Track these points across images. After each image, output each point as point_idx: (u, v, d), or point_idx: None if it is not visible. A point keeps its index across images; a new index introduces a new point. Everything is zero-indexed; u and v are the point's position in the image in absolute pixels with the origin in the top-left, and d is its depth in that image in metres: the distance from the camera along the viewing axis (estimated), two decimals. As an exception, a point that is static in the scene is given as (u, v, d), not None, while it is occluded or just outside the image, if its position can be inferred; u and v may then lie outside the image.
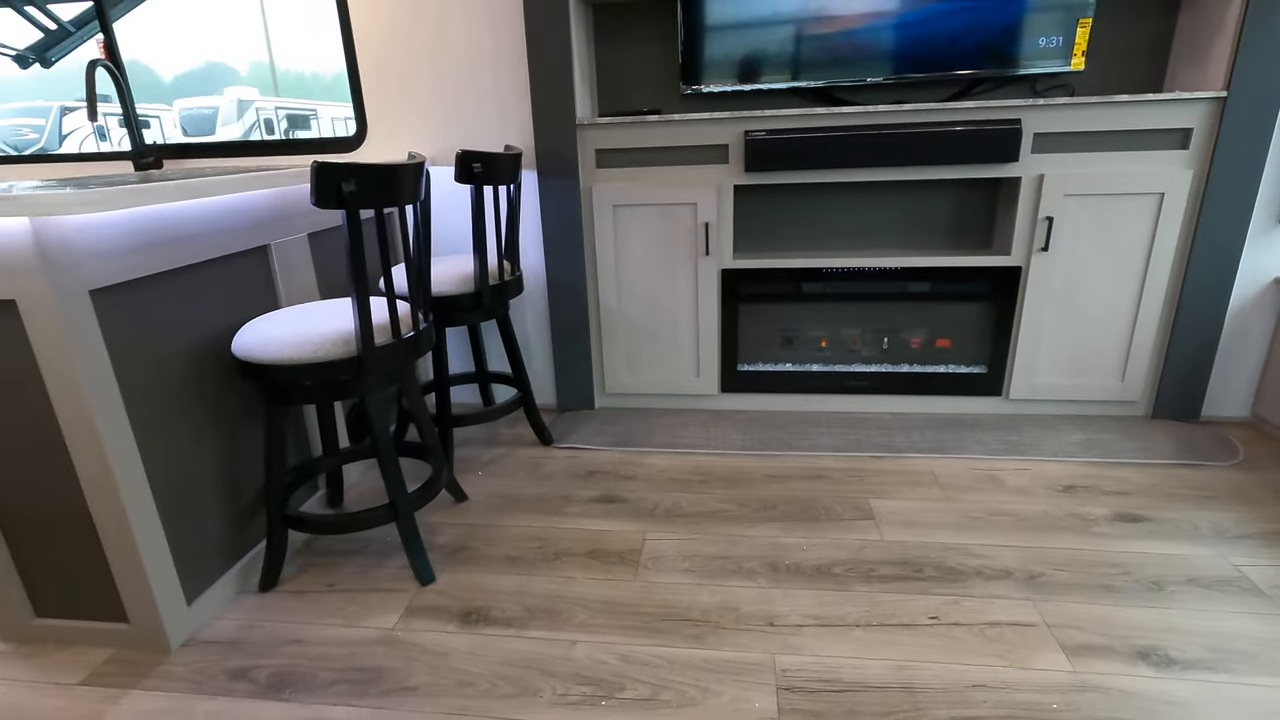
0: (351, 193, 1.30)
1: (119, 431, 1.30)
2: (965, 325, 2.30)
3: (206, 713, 1.28)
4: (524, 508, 1.93)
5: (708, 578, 1.60)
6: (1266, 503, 1.80)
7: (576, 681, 1.31)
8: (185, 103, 12.28)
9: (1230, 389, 2.22)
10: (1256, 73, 1.87)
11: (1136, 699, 1.22)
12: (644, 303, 2.35)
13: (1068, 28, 2.00)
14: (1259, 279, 2.11)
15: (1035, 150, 2.04)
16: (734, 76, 2.18)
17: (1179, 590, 1.49)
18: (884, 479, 1.99)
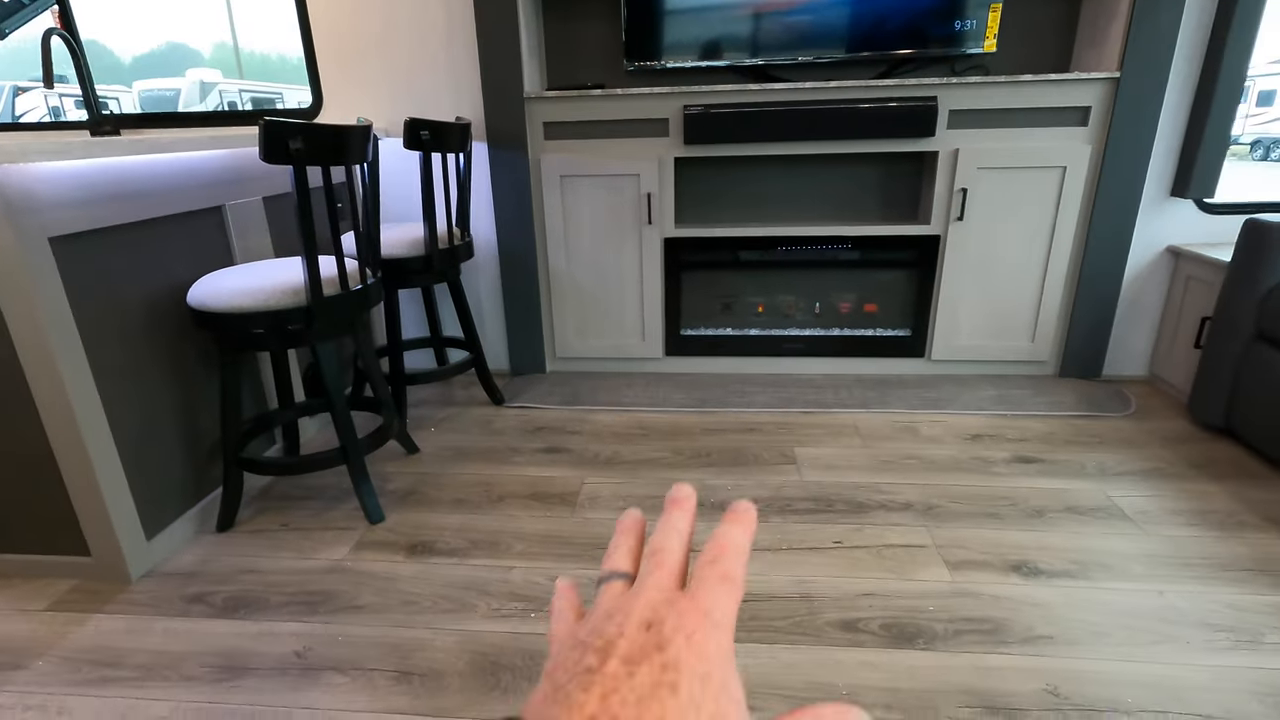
0: (298, 149, 1.40)
1: (79, 374, 1.39)
2: (891, 291, 2.47)
3: (164, 630, 1.38)
4: (473, 458, 2.05)
5: (639, 514, 1.73)
6: (1147, 446, 1.99)
7: (510, 599, 1.44)
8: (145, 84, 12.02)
9: (1130, 349, 2.42)
10: (1145, 55, 2.04)
11: (1004, 601, 1.38)
12: (592, 270, 2.47)
13: (980, 11, 2.16)
14: (1153, 247, 2.30)
15: (951, 126, 2.19)
16: (674, 53, 2.30)
17: (1057, 517, 1.66)
18: (810, 431, 2.15)
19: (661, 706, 0.21)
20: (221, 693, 1.23)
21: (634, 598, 0.26)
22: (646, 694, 0.22)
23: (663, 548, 0.28)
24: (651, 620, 0.24)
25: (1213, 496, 1.73)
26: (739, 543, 0.27)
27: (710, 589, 0.25)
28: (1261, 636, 1.28)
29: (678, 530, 0.29)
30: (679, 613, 0.25)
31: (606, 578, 0.29)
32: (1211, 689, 1.17)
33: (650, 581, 0.27)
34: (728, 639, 0.24)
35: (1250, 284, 1.86)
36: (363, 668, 1.27)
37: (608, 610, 0.26)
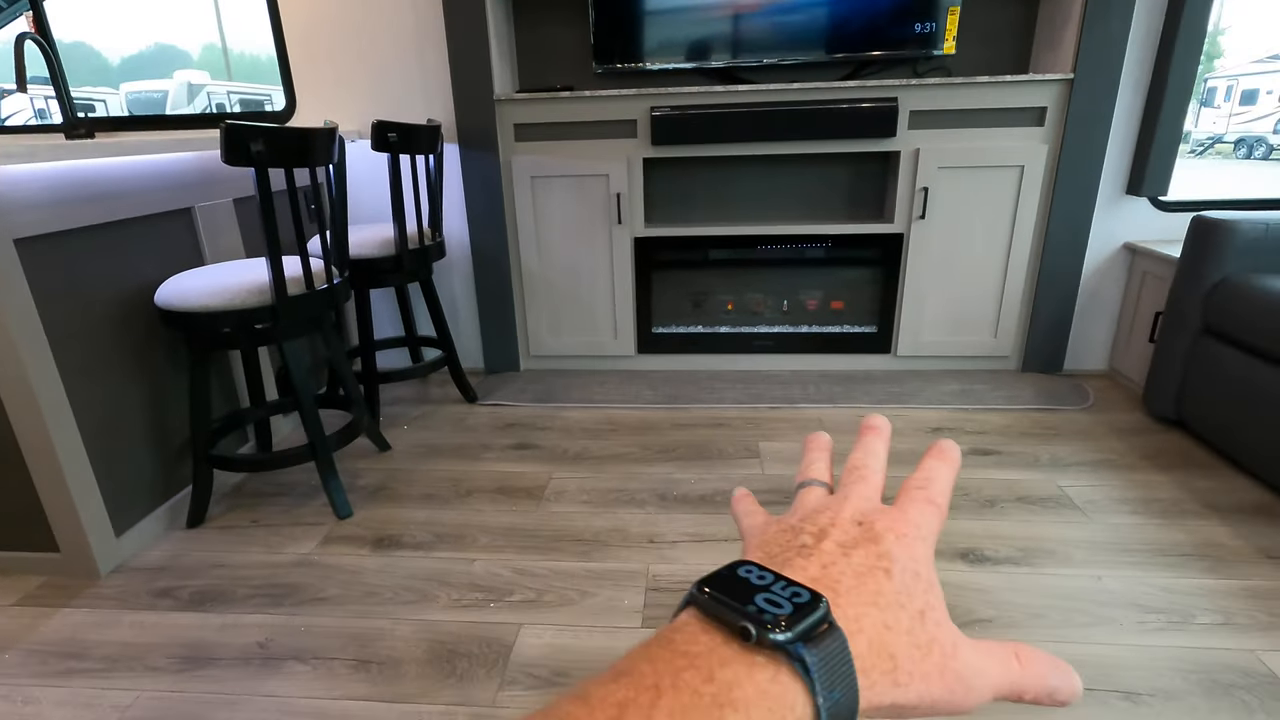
0: (260, 152, 1.43)
1: (45, 373, 1.42)
2: (858, 288, 2.51)
3: (132, 623, 1.41)
4: (443, 455, 2.08)
5: (603, 507, 1.78)
6: (1101, 438, 2.04)
7: (471, 589, 1.48)
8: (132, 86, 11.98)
9: (1090, 344, 2.48)
10: (1097, 57, 2.09)
11: (949, 587, 1.43)
12: (564, 269, 2.51)
13: (940, 14, 2.21)
14: (1110, 244, 2.35)
15: (912, 126, 2.24)
16: (642, 56, 2.34)
17: (1008, 507, 1.71)
18: (776, 426, 2.19)
19: (877, 584, 0.23)
20: (184, 682, 1.26)
21: (841, 500, 0.28)
22: (863, 571, 0.24)
23: (864, 464, 0.31)
24: (862, 519, 0.26)
25: (1159, 486, 1.78)
26: (944, 474, 0.30)
27: (918, 506, 0.28)
28: (1192, 618, 1.33)
29: (875, 453, 0.32)
30: (889, 518, 0.26)
31: (807, 483, 0.31)
32: (1140, 667, 1.22)
33: (855, 490, 0.29)
34: (931, 551, 0.26)
35: (1197, 279, 1.91)
36: (323, 657, 1.31)
37: (815, 506, 0.28)
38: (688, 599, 0.23)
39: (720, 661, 0.20)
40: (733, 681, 0.20)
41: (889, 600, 0.23)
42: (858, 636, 0.22)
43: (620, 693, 0.19)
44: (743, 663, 0.20)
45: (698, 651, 0.21)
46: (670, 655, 0.21)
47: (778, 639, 0.20)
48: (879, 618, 0.23)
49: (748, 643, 0.21)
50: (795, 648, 0.20)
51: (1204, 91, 16.98)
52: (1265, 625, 1.31)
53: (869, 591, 0.23)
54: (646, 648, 0.21)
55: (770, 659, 0.20)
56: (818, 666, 0.20)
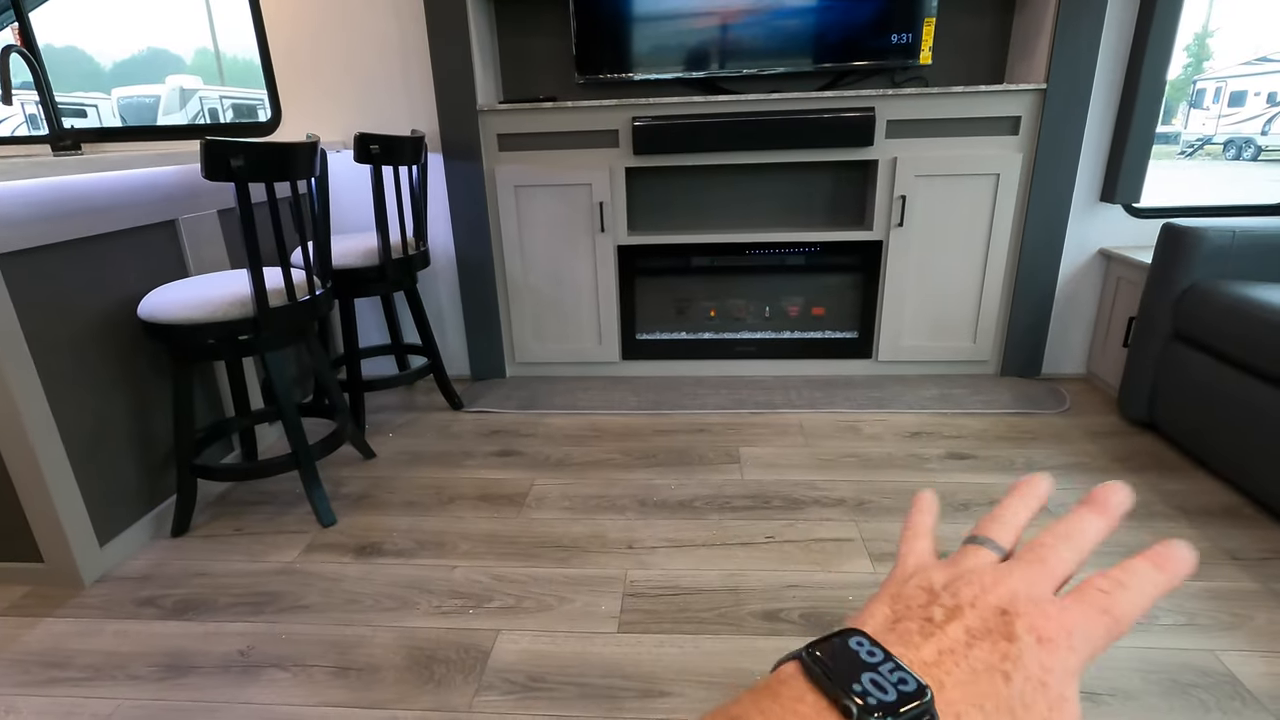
0: (240, 167, 1.45)
1: (28, 385, 1.44)
2: (838, 295, 2.55)
3: (114, 632, 1.43)
4: (427, 462, 2.10)
5: (583, 513, 1.80)
6: (1076, 441, 2.08)
7: (451, 596, 1.50)
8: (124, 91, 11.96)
9: (1068, 348, 2.51)
10: (1069, 67, 2.13)
11: (918, 590, 1.46)
12: (548, 277, 2.54)
13: (916, 26, 2.25)
14: (1086, 250, 2.39)
15: (889, 135, 2.28)
16: (624, 67, 2.37)
17: (981, 510, 1.74)
18: (757, 431, 2.22)
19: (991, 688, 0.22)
20: (165, 690, 1.28)
21: (1001, 576, 0.25)
22: (980, 670, 0.22)
23: (1053, 545, 0.27)
24: (1008, 609, 0.24)
25: (1130, 488, 1.81)
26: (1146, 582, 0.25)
27: (1087, 613, 0.24)
28: (1155, 619, 1.36)
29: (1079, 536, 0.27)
30: (1042, 616, 0.24)
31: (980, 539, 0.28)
32: (1100, 668, 1.25)
33: (1023, 572, 0.25)
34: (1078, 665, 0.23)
35: (1166, 286, 1.95)
36: (303, 664, 1.33)
37: (969, 572, 0.26)
38: (794, 655, 0.23)
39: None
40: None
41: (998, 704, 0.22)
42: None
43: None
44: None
45: (805, 713, 0.21)
46: (779, 710, 0.21)
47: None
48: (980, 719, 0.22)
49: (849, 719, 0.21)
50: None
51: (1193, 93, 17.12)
52: (1227, 625, 1.34)
53: (978, 692, 0.22)
54: (756, 696, 0.22)
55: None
56: None
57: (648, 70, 2.37)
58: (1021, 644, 0.23)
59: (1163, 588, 0.25)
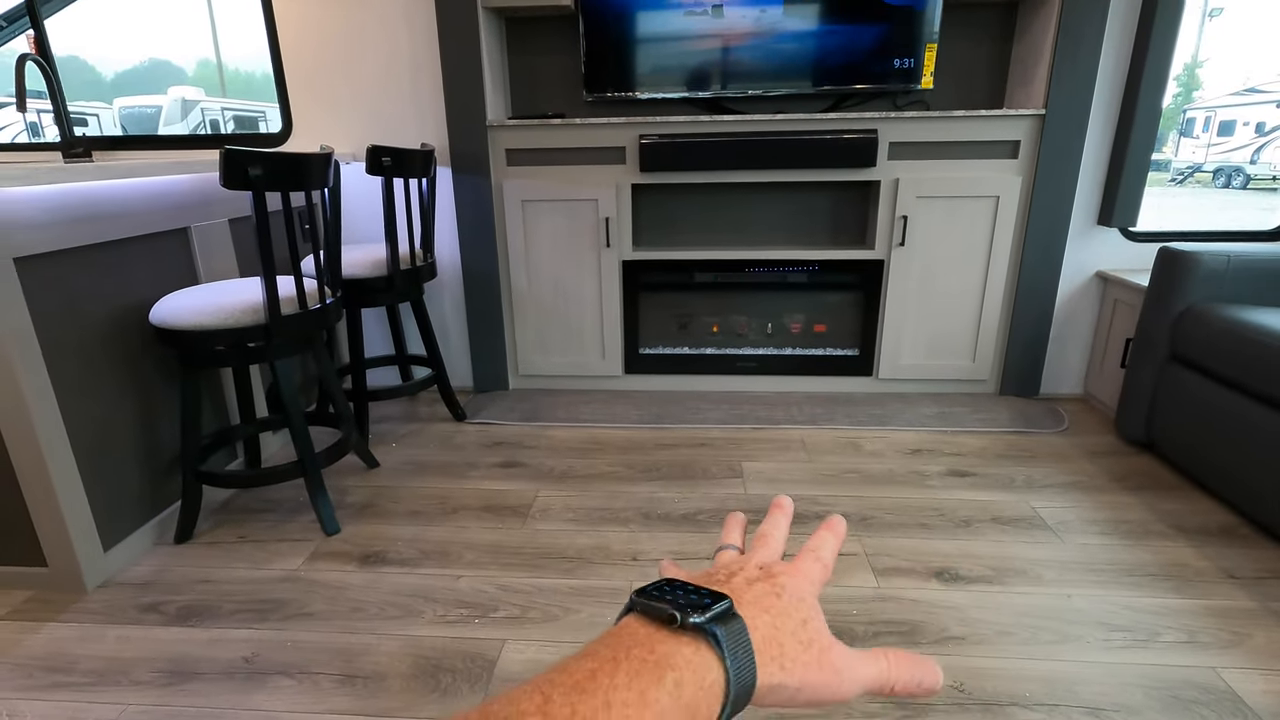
0: (257, 176, 1.48)
1: (40, 388, 1.44)
2: (840, 312, 2.58)
3: (117, 638, 1.43)
4: (431, 472, 2.11)
5: (587, 525, 1.81)
6: (1075, 460, 2.10)
7: (456, 605, 1.51)
8: (126, 101, 12.01)
9: (1065, 369, 2.55)
10: (1067, 93, 2.18)
11: (921, 605, 1.47)
12: (553, 291, 2.56)
13: (918, 51, 2.30)
14: (1083, 272, 2.43)
15: (891, 157, 2.32)
16: (631, 86, 2.42)
17: (982, 527, 1.76)
18: (759, 446, 2.23)
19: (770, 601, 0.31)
20: (169, 696, 1.28)
21: (748, 557, 0.37)
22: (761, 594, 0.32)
23: (768, 534, 0.40)
24: (763, 566, 0.35)
25: (1128, 507, 1.84)
26: (831, 542, 0.39)
27: (808, 562, 0.36)
28: (1156, 636, 1.37)
29: (779, 525, 0.41)
30: (784, 567, 0.35)
31: (724, 547, 0.41)
32: (1104, 683, 1.26)
33: (760, 552, 0.38)
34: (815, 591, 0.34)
35: (1163, 308, 1.98)
36: (309, 671, 1.33)
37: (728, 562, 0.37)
38: (628, 606, 0.30)
39: (658, 640, 0.28)
40: (669, 652, 0.27)
41: (778, 611, 0.31)
42: (753, 631, 0.29)
43: (589, 664, 0.26)
44: (674, 640, 0.28)
45: (640, 636, 0.28)
46: (620, 639, 0.28)
47: (697, 620, 0.28)
48: (770, 620, 0.30)
49: (674, 626, 0.28)
50: (710, 626, 0.28)
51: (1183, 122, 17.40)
52: (1227, 643, 1.36)
53: (762, 605, 0.31)
54: (600, 638, 0.28)
55: (693, 638, 0.28)
56: (726, 640, 0.28)
57: (654, 89, 2.42)
58: (779, 580, 0.33)
59: (839, 543, 0.40)
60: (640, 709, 0.24)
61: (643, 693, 0.25)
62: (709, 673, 0.27)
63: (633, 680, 0.25)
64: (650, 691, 0.25)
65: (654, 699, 0.25)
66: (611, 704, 0.24)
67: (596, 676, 0.25)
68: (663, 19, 2.33)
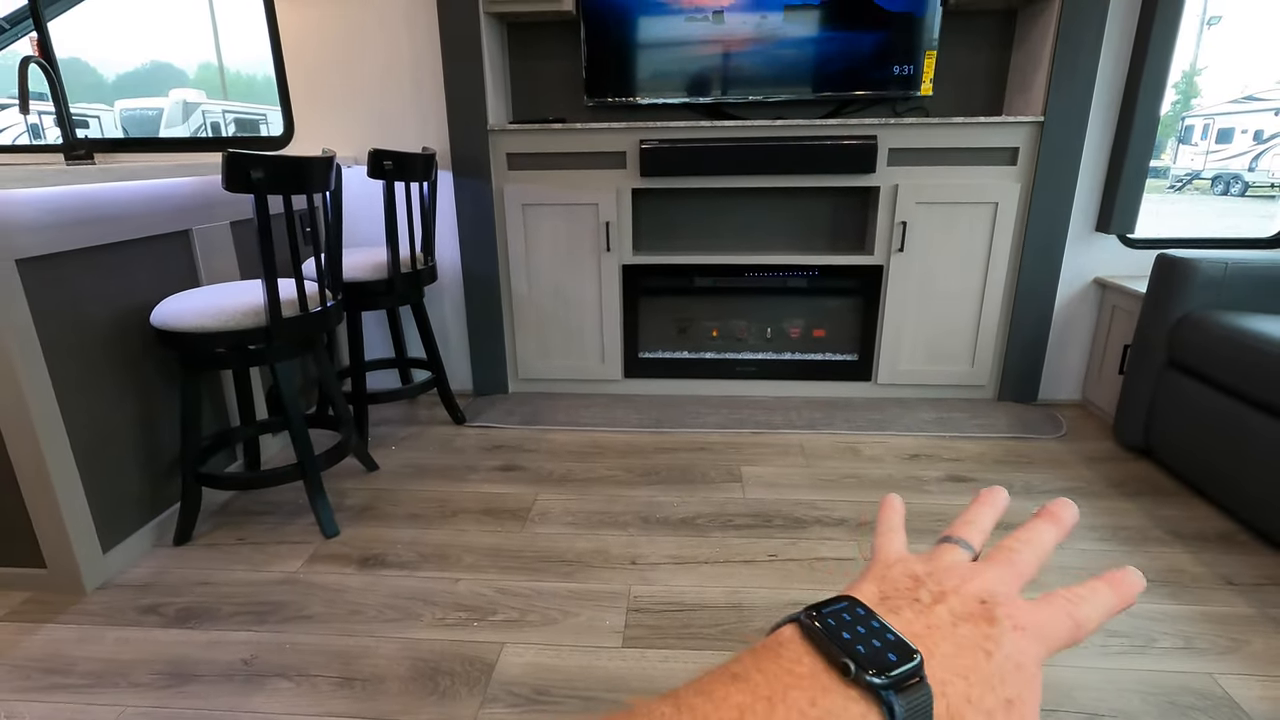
0: (259, 179, 1.48)
1: (41, 389, 1.45)
2: (839, 317, 2.58)
3: (116, 639, 1.43)
4: (430, 475, 2.11)
5: (586, 529, 1.81)
6: (1073, 466, 2.10)
7: (455, 608, 1.51)
8: (127, 103, 12.03)
9: (1064, 375, 2.55)
10: (1065, 101, 2.20)
11: (920, 610, 1.47)
12: (553, 295, 2.57)
13: (917, 58, 2.31)
14: (1082, 278, 2.44)
15: (891, 163, 2.33)
16: (632, 91, 2.43)
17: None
18: (758, 450, 2.24)
19: (974, 660, 0.24)
20: (168, 698, 1.28)
21: (979, 571, 0.28)
22: (965, 646, 0.24)
23: (1019, 550, 0.30)
24: (987, 600, 0.26)
25: (1127, 513, 1.84)
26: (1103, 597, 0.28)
27: (1055, 614, 0.27)
28: (1153, 642, 1.38)
29: (1038, 542, 0.30)
30: (1017, 608, 0.26)
31: (953, 539, 0.31)
32: (1101, 689, 1.26)
33: (996, 572, 0.28)
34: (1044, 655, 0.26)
35: (1161, 315, 1.99)
36: (307, 674, 1.33)
37: (949, 565, 0.28)
38: (793, 618, 0.25)
39: (822, 689, 0.22)
40: (832, 710, 0.22)
41: (980, 678, 0.24)
42: (939, 700, 0.23)
43: (738, 696, 0.22)
44: (841, 695, 0.22)
45: (803, 673, 0.23)
46: (779, 670, 0.23)
47: (874, 681, 0.22)
48: (964, 690, 0.23)
49: (846, 677, 0.23)
50: (887, 694, 0.22)
51: (1182, 129, 17.46)
52: (1224, 649, 1.36)
53: (963, 665, 0.24)
54: (756, 656, 0.24)
55: (863, 697, 0.22)
56: (902, 714, 0.22)
57: (655, 94, 2.43)
58: (1000, 628, 0.25)
59: (1117, 607, 0.28)
60: None
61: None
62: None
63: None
64: None
65: None
66: None
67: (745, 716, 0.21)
68: (664, 24, 2.35)
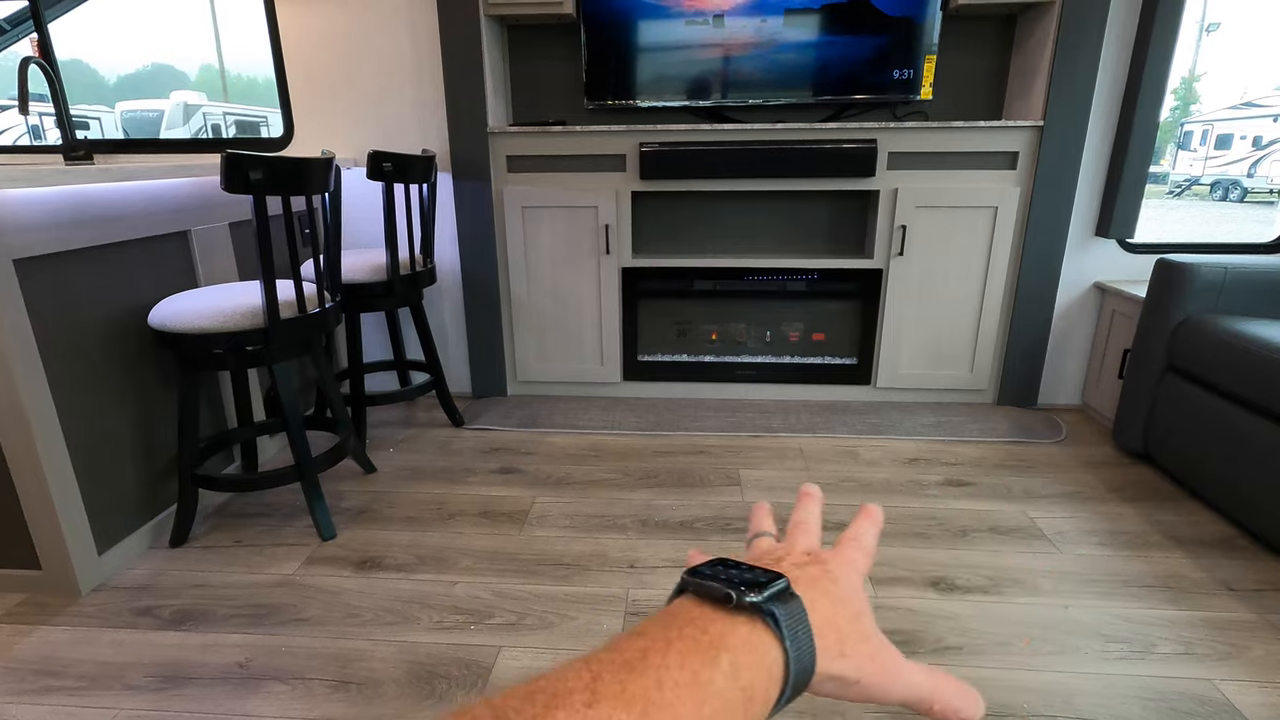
0: (258, 180, 1.48)
1: (37, 389, 1.44)
2: (838, 321, 2.58)
3: (111, 642, 1.42)
4: (428, 478, 2.10)
5: (584, 532, 1.80)
6: (1073, 471, 2.10)
7: (452, 611, 1.50)
8: (128, 105, 12.04)
9: (1063, 379, 2.55)
10: (1065, 106, 2.20)
11: (918, 615, 1.47)
12: (552, 297, 2.56)
13: (917, 62, 2.31)
14: (1081, 283, 2.44)
15: (891, 167, 2.33)
16: (632, 94, 2.43)
17: (979, 536, 1.76)
18: (757, 454, 2.23)
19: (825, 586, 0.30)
20: (163, 701, 1.27)
21: (790, 543, 0.35)
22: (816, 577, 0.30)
23: (806, 521, 0.39)
24: (809, 553, 0.34)
25: (1126, 518, 1.84)
26: (869, 529, 0.38)
27: (852, 551, 0.35)
28: (1153, 647, 1.37)
29: (813, 513, 0.40)
30: (830, 555, 0.34)
31: (759, 534, 0.39)
32: (1101, 694, 1.26)
33: (800, 538, 0.37)
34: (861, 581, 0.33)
35: (1161, 320, 1.99)
36: (303, 677, 1.32)
37: (770, 548, 0.35)
38: (679, 586, 0.29)
39: (712, 620, 0.26)
40: (724, 631, 0.26)
41: (835, 597, 0.30)
42: (812, 613, 0.28)
43: (640, 642, 0.25)
44: (729, 619, 0.26)
45: (694, 616, 0.27)
46: (672, 619, 0.27)
47: (754, 599, 0.26)
48: (828, 604, 0.29)
49: (729, 605, 0.27)
50: (768, 605, 0.26)
51: (1181, 135, 17.49)
52: (1224, 655, 1.35)
53: (820, 589, 0.30)
54: (653, 618, 0.27)
55: (749, 617, 0.26)
56: (785, 620, 0.26)
57: (655, 98, 2.43)
58: (830, 566, 0.32)
59: (878, 530, 0.38)
60: (693, 689, 0.24)
61: (696, 673, 0.24)
62: (766, 654, 0.26)
63: (685, 660, 0.24)
64: (704, 672, 0.24)
65: (707, 679, 0.24)
66: (663, 683, 0.23)
67: (648, 655, 0.24)
68: (664, 28, 2.35)
